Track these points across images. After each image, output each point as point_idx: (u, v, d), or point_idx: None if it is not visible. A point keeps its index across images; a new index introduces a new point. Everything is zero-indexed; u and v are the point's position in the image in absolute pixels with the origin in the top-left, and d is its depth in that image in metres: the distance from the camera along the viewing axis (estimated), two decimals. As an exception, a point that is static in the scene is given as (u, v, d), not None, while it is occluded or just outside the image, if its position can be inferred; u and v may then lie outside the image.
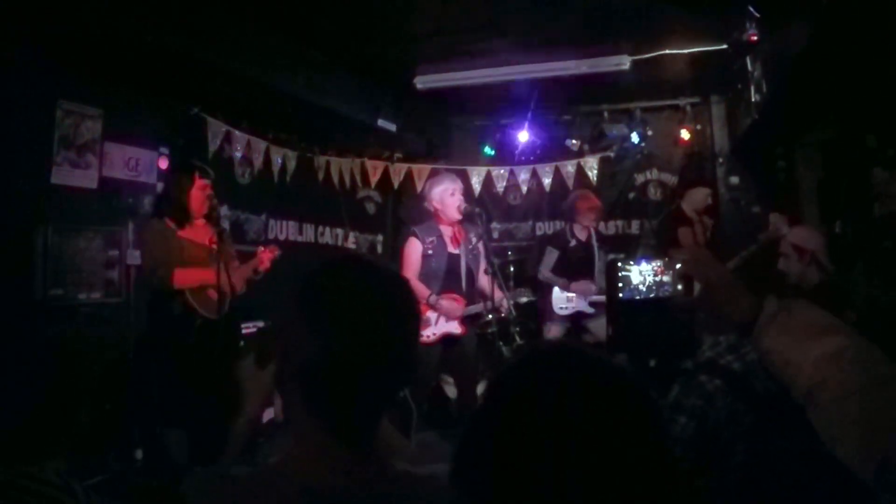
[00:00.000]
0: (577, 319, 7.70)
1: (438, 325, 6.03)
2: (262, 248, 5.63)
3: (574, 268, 7.66)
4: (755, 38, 5.69)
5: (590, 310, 7.58)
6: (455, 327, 6.06)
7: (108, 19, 4.76)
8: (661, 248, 8.00)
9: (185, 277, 5.05)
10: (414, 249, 6.08)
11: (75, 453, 2.70)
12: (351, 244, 9.74)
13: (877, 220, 6.29)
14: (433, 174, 8.67)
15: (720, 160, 9.13)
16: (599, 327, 7.59)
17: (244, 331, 6.59)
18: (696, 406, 3.02)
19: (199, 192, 5.24)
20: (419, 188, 9.20)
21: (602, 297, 7.59)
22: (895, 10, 4.24)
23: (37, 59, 5.28)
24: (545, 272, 7.76)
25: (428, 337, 6.01)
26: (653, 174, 9.58)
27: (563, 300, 7.66)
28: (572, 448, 1.05)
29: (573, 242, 7.75)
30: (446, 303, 5.98)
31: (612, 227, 9.63)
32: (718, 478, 3.02)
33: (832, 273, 4.69)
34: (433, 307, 5.97)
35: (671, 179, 9.41)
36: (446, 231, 6.15)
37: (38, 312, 5.29)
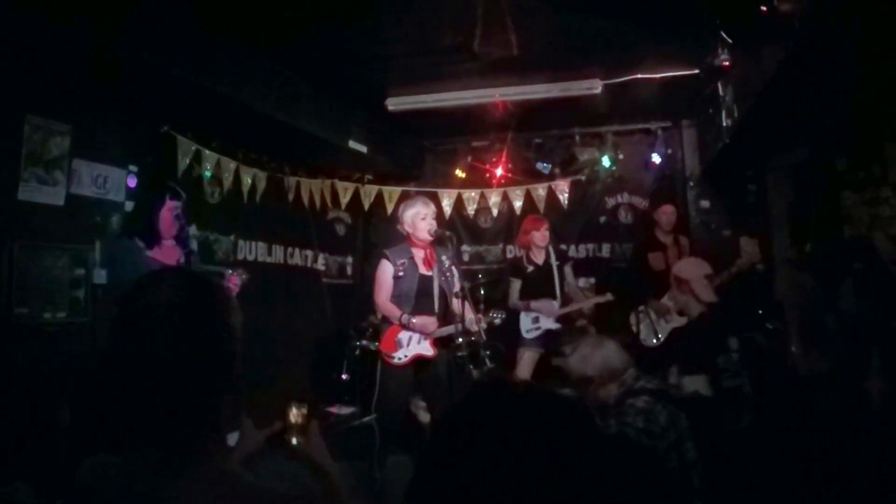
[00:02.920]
0: (550, 343, 7.65)
1: (410, 347, 5.99)
2: (231, 273, 5.54)
3: (536, 292, 7.68)
4: (727, 63, 5.74)
5: (555, 326, 7.56)
6: (427, 349, 6.02)
7: (79, 33, 4.70)
8: (633, 274, 8.04)
9: None
10: (385, 271, 6.08)
11: (43, 472, 2.63)
12: (320, 266, 9.68)
13: (846, 243, 6.34)
14: (404, 196, 8.67)
15: (691, 184, 9.19)
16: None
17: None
18: (636, 421, 3.24)
19: (168, 213, 5.17)
20: (389, 210, 9.21)
21: (566, 310, 7.64)
22: (865, 36, 4.28)
23: (5, 73, 5.20)
24: (512, 300, 7.81)
25: (400, 359, 5.97)
26: (624, 198, 9.63)
27: (528, 323, 7.65)
28: (517, 479, 1.07)
29: (530, 268, 7.80)
30: (419, 320, 5.95)
31: (582, 251, 9.64)
32: (679, 475, 3.17)
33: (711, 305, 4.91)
34: (405, 326, 5.94)
35: (642, 203, 9.45)
36: (418, 253, 6.14)
37: (1, 331, 5.17)
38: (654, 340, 7.45)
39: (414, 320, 5.94)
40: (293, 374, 8.61)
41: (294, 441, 2.12)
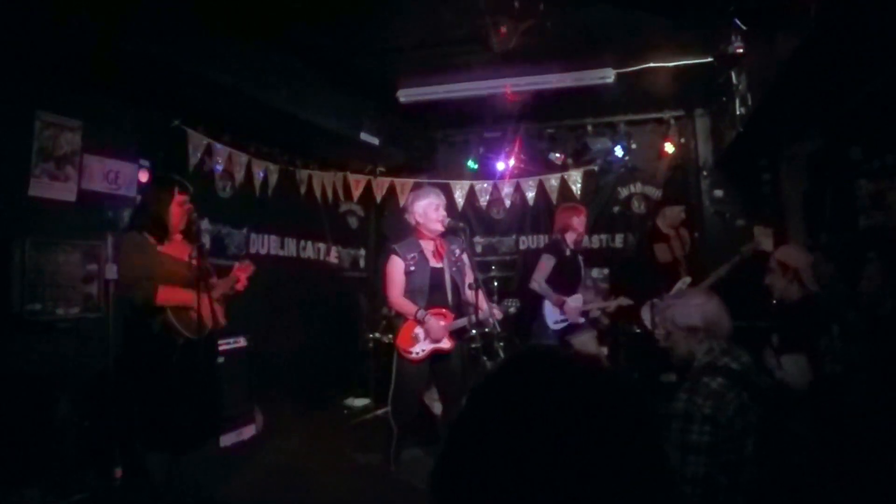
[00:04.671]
0: (566, 335, 7.61)
1: (427, 342, 5.95)
2: (238, 265, 5.53)
3: (568, 278, 7.58)
4: (741, 51, 5.68)
5: (581, 320, 7.52)
6: (444, 342, 5.99)
7: (89, 28, 4.69)
8: (639, 264, 8.01)
9: (167, 295, 4.92)
10: (396, 267, 6.02)
11: (54, 471, 2.63)
12: (333, 259, 9.68)
13: (862, 232, 6.28)
14: (416, 188, 8.63)
15: (704, 173, 9.13)
16: (585, 342, 7.52)
17: (222, 348, 6.52)
18: (704, 406, 3.09)
19: (178, 207, 5.13)
20: (402, 202, 9.17)
21: (593, 306, 7.62)
22: (882, 24, 4.23)
23: (16, 69, 5.20)
24: (541, 282, 7.54)
25: (417, 354, 5.94)
26: (637, 187, 9.58)
27: (556, 315, 7.51)
28: (561, 455, 0.99)
29: (568, 252, 7.67)
30: (433, 322, 5.90)
31: (595, 241, 9.60)
32: (732, 472, 3.06)
33: (816, 291, 4.72)
34: (421, 322, 5.90)
35: (655, 193, 9.40)
36: (427, 245, 6.09)
37: (14, 327, 5.17)
38: None
39: (429, 319, 5.89)
40: (306, 366, 8.62)
41: None
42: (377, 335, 8.55)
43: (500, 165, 9.51)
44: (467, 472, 1.04)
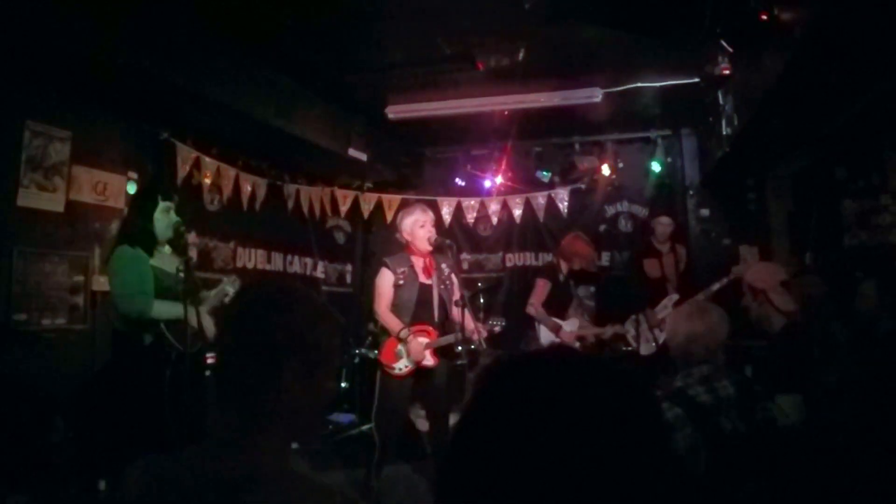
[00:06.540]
0: None
1: (410, 358, 5.96)
2: (225, 280, 5.51)
3: (559, 302, 7.62)
4: (727, 71, 5.72)
5: (575, 344, 7.51)
6: (427, 359, 5.99)
7: (80, 40, 4.70)
8: (626, 279, 8.06)
9: (161, 308, 4.88)
10: (386, 280, 6.04)
11: (37, 482, 2.62)
12: (319, 274, 9.68)
13: (847, 251, 6.33)
14: (403, 204, 8.65)
15: (691, 192, 9.17)
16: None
17: (210, 362, 6.49)
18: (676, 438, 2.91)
19: (162, 215, 5.12)
20: (389, 218, 9.20)
21: (584, 332, 7.63)
22: (865, 45, 4.28)
23: (5, 78, 5.20)
24: (538, 307, 7.58)
25: (400, 370, 5.94)
26: (623, 206, 9.60)
27: (552, 337, 7.50)
28: (573, 454, 0.96)
29: (562, 278, 7.70)
30: (414, 343, 5.90)
31: (582, 259, 9.59)
32: None
33: (793, 314, 4.42)
34: (403, 341, 5.91)
35: (642, 211, 9.43)
36: (418, 262, 6.11)
37: (0, 338, 5.16)
38: (650, 348, 7.45)
39: (410, 341, 5.89)
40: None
41: None
42: (363, 351, 8.54)
43: (486, 183, 9.54)
44: (473, 477, 1.02)
